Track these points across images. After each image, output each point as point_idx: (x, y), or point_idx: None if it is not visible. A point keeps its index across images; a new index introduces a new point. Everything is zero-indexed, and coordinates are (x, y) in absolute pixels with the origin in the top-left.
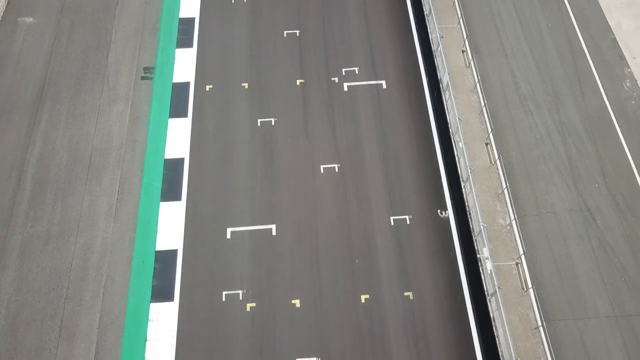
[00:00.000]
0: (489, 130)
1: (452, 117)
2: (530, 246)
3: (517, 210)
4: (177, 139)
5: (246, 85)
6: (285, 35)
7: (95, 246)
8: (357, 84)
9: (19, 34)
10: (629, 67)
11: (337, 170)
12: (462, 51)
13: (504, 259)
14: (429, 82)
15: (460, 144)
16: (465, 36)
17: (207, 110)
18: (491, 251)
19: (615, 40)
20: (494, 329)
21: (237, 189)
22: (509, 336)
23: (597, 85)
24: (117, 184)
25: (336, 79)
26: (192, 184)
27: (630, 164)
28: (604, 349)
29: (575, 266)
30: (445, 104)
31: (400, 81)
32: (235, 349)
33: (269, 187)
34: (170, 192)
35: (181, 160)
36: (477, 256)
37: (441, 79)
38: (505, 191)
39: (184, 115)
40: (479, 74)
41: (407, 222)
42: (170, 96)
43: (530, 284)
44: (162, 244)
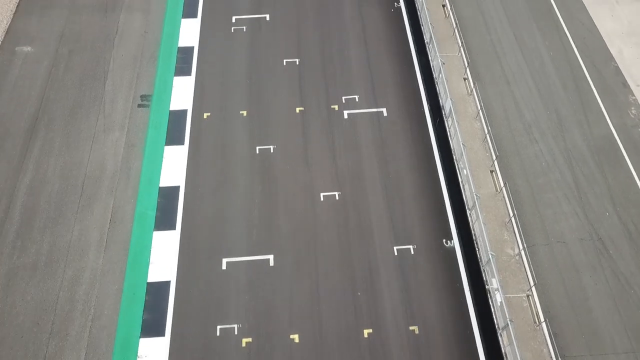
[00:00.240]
0: (494, 157)
1: (455, 143)
2: (541, 277)
3: (525, 239)
4: (173, 166)
5: (245, 112)
6: (284, 63)
7: (83, 278)
8: (357, 111)
9: (16, 63)
10: (634, 95)
11: (337, 198)
12: (464, 79)
13: (513, 291)
14: (431, 109)
15: (464, 170)
16: (466, 64)
17: (205, 137)
18: (500, 282)
19: (617, 68)
20: None
21: (233, 218)
22: None
23: (602, 112)
24: (109, 213)
25: (336, 107)
26: (187, 212)
27: None
28: None
29: (589, 298)
30: (448, 130)
31: (401, 109)
32: None
33: (267, 215)
34: (164, 220)
35: (176, 188)
36: (486, 287)
37: (443, 105)
38: (512, 220)
39: (181, 142)
40: (482, 101)
41: (411, 252)
42: (167, 123)
43: (542, 318)
44: (154, 275)
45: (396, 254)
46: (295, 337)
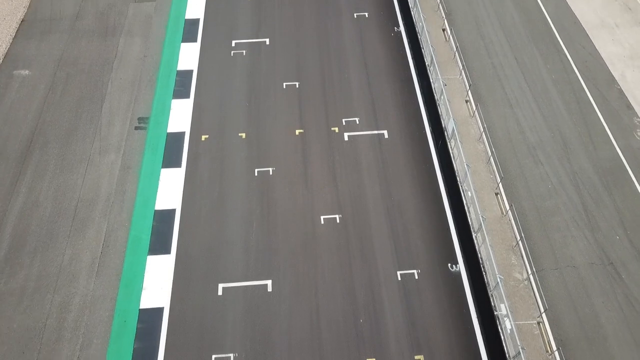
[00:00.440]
0: (498, 179)
1: (459, 164)
2: (551, 303)
3: (534, 263)
4: (169, 189)
5: (243, 135)
6: (284, 86)
7: (73, 304)
8: (358, 133)
9: (13, 86)
10: (639, 117)
11: (338, 221)
12: (466, 101)
13: (523, 317)
14: (432, 131)
15: (469, 192)
16: (467, 86)
17: (202, 159)
18: (510, 307)
19: (621, 90)
20: None
21: (230, 242)
22: None
23: (608, 134)
24: (102, 237)
25: (336, 129)
26: (182, 236)
27: None
28: None
29: (602, 325)
30: (451, 151)
31: (402, 131)
32: None
33: (265, 239)
34: (158, 244)
35: (172, 211)
36: (495, 313)
37: (446, 126)
38: (520, 243)
39: (178, 165)
40: (484, 122)
41: (416, 276)
42: (164, 146)
43: (555, 346)
44: (147, 302)
45: (400, 278)
46: None
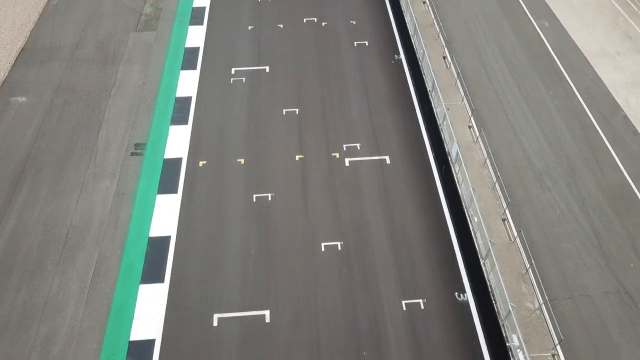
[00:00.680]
0: (505, 205)
1: (464, 189)
2: (566, 334)
3: (546, 292)
4: (165, 215)
5: (242, 160)
6: (284, 113)
7: (59, 336)
8: (359, 159)
9: (9, 113)
10: None
11: (339, 248)
12: (469, 127)
13: (537, 349)
14: (435, 156)
15: (475, 218)
16: (470, 112)
17: (199, 185)
18: (523, 338)
19: (626, 117)
20: None
21: (226, 270)
22: None
23: (615, 160)
24: (92, 265)
25: (337, 155)
26: (177, 264)
27: None
28: None
29: (622, 359)
30: (455, 176)
31: (404, 156)
32: None
33: (263, 267)
34: (152, 273)
35: (167, 238)
36: (507, 345)
37: (449, 151)
38: (530, 271)
39: (174, 191)
40: (489, 147)
41: (421, 306)
42: (160, 172)
43: None
44: (137, 333)
45: (405, 308)
46: None
